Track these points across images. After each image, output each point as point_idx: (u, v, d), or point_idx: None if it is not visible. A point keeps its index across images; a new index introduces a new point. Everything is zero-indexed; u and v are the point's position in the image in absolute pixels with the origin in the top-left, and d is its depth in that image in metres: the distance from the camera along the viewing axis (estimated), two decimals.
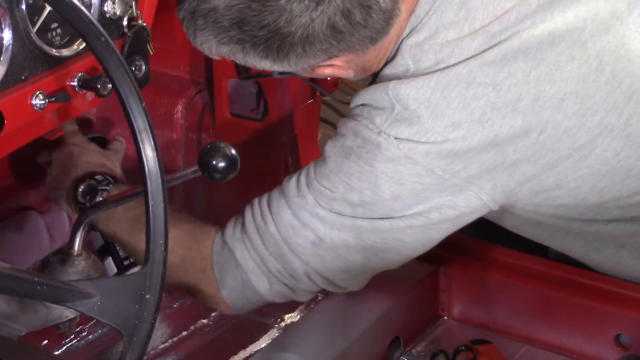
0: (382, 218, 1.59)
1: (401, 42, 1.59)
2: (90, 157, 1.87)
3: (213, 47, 1.56)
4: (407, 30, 1.59)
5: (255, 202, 1.68)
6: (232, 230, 1.68)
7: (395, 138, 1.54)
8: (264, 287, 1.67)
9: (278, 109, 2.12)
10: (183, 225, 1.72)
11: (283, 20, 1.48)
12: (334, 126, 3.73)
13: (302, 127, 2.14)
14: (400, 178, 1.56)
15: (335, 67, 1.61)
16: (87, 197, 1.80)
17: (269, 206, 1.65)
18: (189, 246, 1.70)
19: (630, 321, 1.80)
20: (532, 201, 1.62)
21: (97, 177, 1.82)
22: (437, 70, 1.55)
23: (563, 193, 1.61)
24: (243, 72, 1.75)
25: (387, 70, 1.62)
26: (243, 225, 1.67)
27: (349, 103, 1.70)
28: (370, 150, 1.56)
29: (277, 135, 2.15)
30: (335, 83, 2.16)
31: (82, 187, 1.82)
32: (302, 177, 1.63)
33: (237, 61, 1.60)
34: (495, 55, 1.54)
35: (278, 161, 2.17)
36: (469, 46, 1.55)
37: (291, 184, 1.65)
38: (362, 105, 1.61)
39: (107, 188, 1.80)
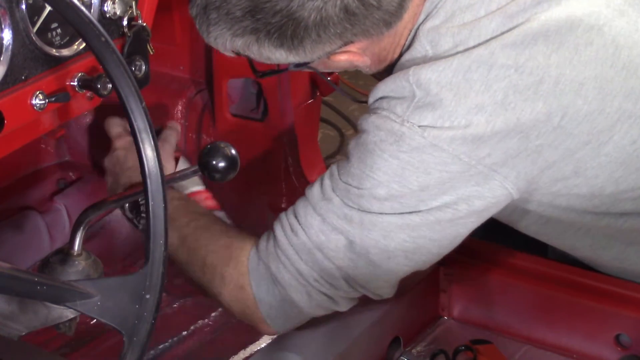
0: (410, 212, 1.57)
1: (417, 29, 1.58)
2: (133, 161, 1.84)
3: (227, 41, 1.55)
4: (422, 16, 1.58)
5: (282, 215, 1.66)
6: (265, 244, 1.66)
7: (419, 126, 1.53)
8: (303, 300, 1.64)
9: (278, 109, 2.12)
10: (221, 240, 1.70)
11: (295, 4, 1.47)
12: (334, 126, 3.73)
13: (302, 127, 2.14)
14: (427, 167, 1.54)
15: (351, 54, 1.59)
16: (134, 212, 1.78)
17: (296, 217, 1.63)
18: (227, 263, 1.68)
19: (630, 321, 1.80)
20: (550, 190, 1.61)
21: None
22: (457, 53, 1.54)
23: (581, 182, 1.61)
24: (259, 69, 1.74)
25: (405, 58, 1.60)
26: (274, 238, 1.64)
27: (358, 99, 1.68)
28: (395, 142, 1.54)
29: (277, 135, 2.15)
30: (335, 83, 2.16)
31: (127, 203, 1.78)
32: (326, 181, 1.62)
33: (252, 55, 1.59)
34: (516, 37, 1.53)
35: (278, 161, 2.17)
36: (487, 27, 1.54)
37: (314, 189, 1.63)
38: (380, 98, 1.59)
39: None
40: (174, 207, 1.75)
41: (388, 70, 1.66)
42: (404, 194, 1.56)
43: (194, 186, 1.90)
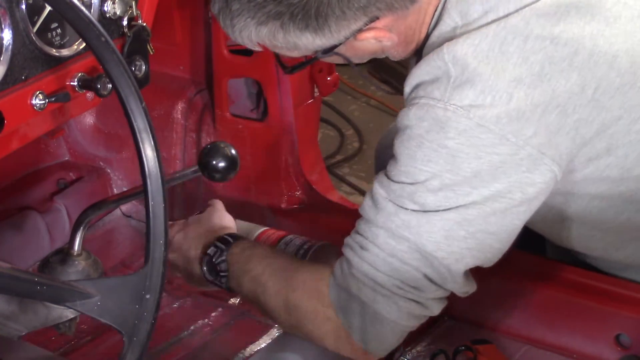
0: (466, 205, 1.54)
1: (445, 2, 1.57)
2: (191, 233, 1.83)
3: (252, 32, 1.54)
4: None
5: (347, 239, 1.63)
6: (339, 271, 1.62)
7: (462, 107, 1.50)
8: (393, 312, 1.59)
9: (278, 109, 2.12)
10: (298, 277, 1.67)
11: None
12: (334, 126, 3.73)
13: (302, 127, 2.15)
14: (477, 151, 1.52)
15: (378, 30, 1.57)
16: (213, 275, 1.76)
17: (361, 234, 1.60)
18: (309, 299, 1.65)
19: (630, 321, 1.80)
20: (583, 171, 1.60)
21: (209, 251, 1.76)
22: (490, 22, 1.53)
23: (612, 161, 1.59)
24: (287, 64, 1.72)
25: (434, 35, 1.58)
26: (347, 261, 1.61)
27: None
28: (441, 130, 1.52)
29: (277, 135, 2.15)
30: (335, 83, 2.16)
31: (204, 266, 1.76)
32: (378, 191, 1.59)
33: (279, 45, 1.56)
34: (549, 8, 1.52)
35: (278, 161, 2.17)
36: None
37: (366, 205, 1.60)
38: (416, 86, 1.56)
39: (224, 258, 1.74)
40: (246, 257, 1.73)
41: (417, 55, 1.63)
42: (457, 182, 1.53)
43: (259, 229, 1.90)
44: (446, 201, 1.54)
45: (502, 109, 1.50)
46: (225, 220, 1.86)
